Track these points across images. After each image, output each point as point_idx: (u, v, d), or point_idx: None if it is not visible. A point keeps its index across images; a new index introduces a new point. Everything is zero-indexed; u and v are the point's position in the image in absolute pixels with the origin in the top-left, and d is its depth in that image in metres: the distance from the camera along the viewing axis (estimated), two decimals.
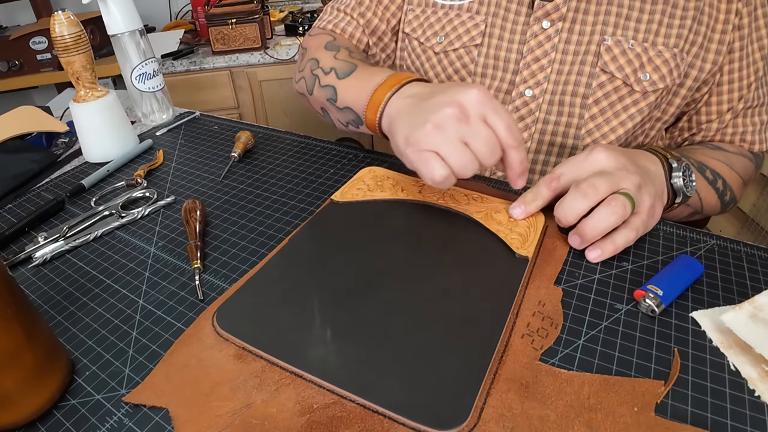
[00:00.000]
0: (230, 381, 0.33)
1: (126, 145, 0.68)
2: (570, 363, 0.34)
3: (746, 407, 0.31)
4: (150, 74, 0.76)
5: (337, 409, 0.31)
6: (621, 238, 0.42)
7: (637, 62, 0.57)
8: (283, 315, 0.38)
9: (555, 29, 0.59)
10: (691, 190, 0.48)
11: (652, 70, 0.57)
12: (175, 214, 0.53)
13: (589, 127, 0.61)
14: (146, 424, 0.31)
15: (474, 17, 0.63)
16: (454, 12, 0.64)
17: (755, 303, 0.35)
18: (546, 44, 0.60)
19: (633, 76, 0.58)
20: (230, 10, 1.55)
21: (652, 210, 0.44)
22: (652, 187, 0.44)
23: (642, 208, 0.43)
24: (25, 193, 0.60)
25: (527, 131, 0.63)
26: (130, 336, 0.38)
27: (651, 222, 0.44)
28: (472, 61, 0.64)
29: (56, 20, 0.58)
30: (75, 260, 0.47)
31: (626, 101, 0.59)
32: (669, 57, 0.57)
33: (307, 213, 0.51)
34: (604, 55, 0.58)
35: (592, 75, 0.59)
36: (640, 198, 0.43)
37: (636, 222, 0.43)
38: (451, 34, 0.65)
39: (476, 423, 0.30)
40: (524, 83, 0.62)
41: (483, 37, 0.63)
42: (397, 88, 0.49)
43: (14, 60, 1.66)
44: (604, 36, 0.58)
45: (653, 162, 0.48)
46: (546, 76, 0.61)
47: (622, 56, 0.58)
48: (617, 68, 0.58)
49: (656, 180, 0.46)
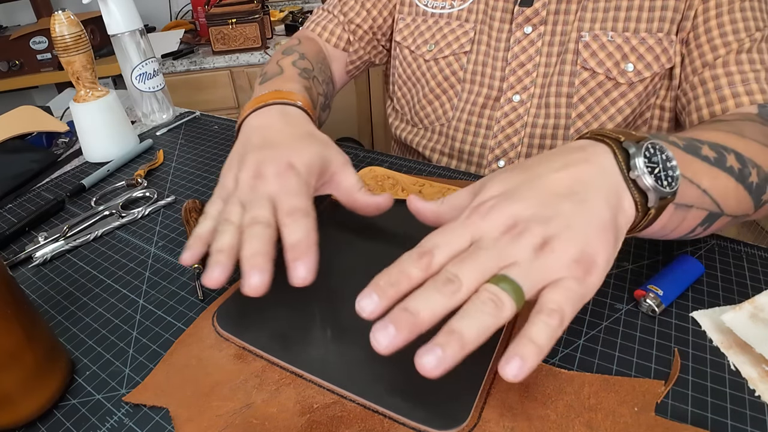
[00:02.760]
0: (230, 381, 0.33)
1: (126, 145, 0.68)
2: (570, 363, 0.34)
3: (746, 407, 0.31)
4: (150, 74, 0.76)
5: (337, 409, 0.31)
6: (539, 330, 0.27)
7: (619, 54, 0.57)
8: (283, 315, 0.38)
9: (537, 33, 0.60)
10: (671, 181, 0.31)
11: (636, 59, 0.56)
12: (175, 214, 0.53)
13: (578, 125, 0.61)
14: (146, 424, 0.31)
15: (463, 24, 0.64)
16: (443, 20, 0.65)
17: (755, 303, 0.35)
18: (530, 49, 0.60)
19: (615, 69, 0.57)
20: (230, 10, 1.55)
21: (585, 264, 0.28)
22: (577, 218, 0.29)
23: (554, 274, 0.28)
24: (26, 193, 0.60)
25: (517, 136, 0.64)
26: (130, 336, 0.38)
27: (591, 280, 0.28)
28: (462, 68, 0.65)
29: (56, 20, 0.58)
30: (75, 260, 0.47)
31: (613, 95, 0.58)
32: (653, 43, 0.55)
33: None
34: (583, 52, 0.58)
35: (573, 73, 0.59)
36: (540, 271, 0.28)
37: (555, 300, 0.27)
38: (441, 42, 0.65)
39: (476, 423, 0.30)
40: (511, 89, 0.62)
41: (472, 44, 0.63)
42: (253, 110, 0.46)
43: (14, 60, 1.66)
44: (581, 33, 0.58)
45: (593, 157, 0.32)
46: (532, 81, 0.61)
47: (601, 50, 0.57)
48: (597, 63, 0.57)
49: (597, 197, 0.30)
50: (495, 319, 0.27)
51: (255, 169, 0.39)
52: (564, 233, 0.29)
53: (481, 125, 0.66)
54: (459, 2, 0.64)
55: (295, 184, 0.38)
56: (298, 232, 0.35)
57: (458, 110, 0.67)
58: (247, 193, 0.38)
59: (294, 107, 0.47)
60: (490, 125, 0.65)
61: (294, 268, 0.33)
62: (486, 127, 0.65)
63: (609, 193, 0.30)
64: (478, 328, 0.26)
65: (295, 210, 0.36)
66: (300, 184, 0.38)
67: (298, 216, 0.36)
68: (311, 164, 0.40)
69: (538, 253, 0.28)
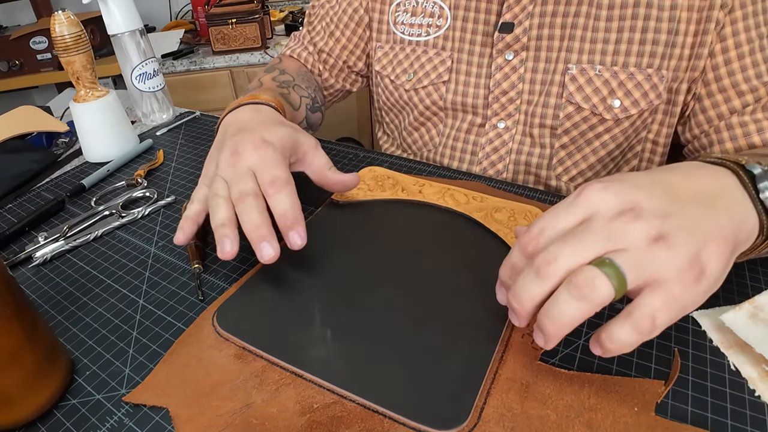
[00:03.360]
0: (230, 381, 0.33)
1: (126, 145, 0.68)
2: (570, 363, 0.34)
3: (746, 407, 0.31)
4: (150, 74, 0.76)
5: (337, 409, 0.31)
6: (622, 332, 0.27)
7: (606, 89, 0.55)
8: (283, 315, 0.38)
9: (519, 59, 0.58)
10: None
11: (623, 95, 0.54)
12: (175, 214, 0.53)
13: (561, 155, 0.60)
14: (146, 424, 0.31)
15: (440, 53, 0.62)
16: (421, 48, 0.64)
17: (755, 303, 0.35)
18: (512, 75, 0.59)
19: (602, 104, 0.55)
20: (230, 10, 1.55)
21: (695, 270, 0.27)
22: (699, 224, 0.28)
23: (662, 274, 0.26)
24: (26, 193, 0.60)
25: (502, 162, 0.63)
26: (130, 336, 0.38)
27: (697, 289, 0.27)
28: (441, 97, 0.64)
29: (56, 20, 0.58)
30: (75, 260, 0.47)
31: (598, 129, 0.57)
32: (642, 79, 0.53)
33: (308, 212, 0.51)
34: (569, 86, 0.56)
35: (558, 106, 0.57)
36: (650, 263, 0.26)
37: (652, 305, 0.26)
38: (419, 72, 0.64)
39: (476, 423, 0.30)
40: (496, 116, 0.61)
41: (450, 73, 0.62)
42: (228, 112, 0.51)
43: (14, 60, 1.66)
44: (567, 65, 0.56)
45: (715, 176, 0.31)
46: (516, 108, 0.60)
47: (588, 85, 0.55)
48: (583, 98, 0.56)
49: (721, 207, 0.29)
50: (587, 305, 0.26)
51: (233, 149, 0.42)
52: (683, 233, 0.27)
53: (467, 151, 0.65)
54: (435, 29, 0.62)
55: (272, 154, 0.41)
56: (284, 202, 0.38)
57: (444, 136, 0.66)
58: (229, 169, 0.41)
59: (265, 105, 0.50)
60: (475, 151, 0.64)
61: (289, 236, 0.38)
62: (471, 153, 0.65)
63: (733, 207, 0.30)
64: (566, 316, 0.27)
65: (276, 179, 0.39)
66: (276, 154, 0.41)
67: (279, 185, 0.39)
68: (283, 140, 0.43)
69: (651, 245, 0.27)
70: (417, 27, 0.63)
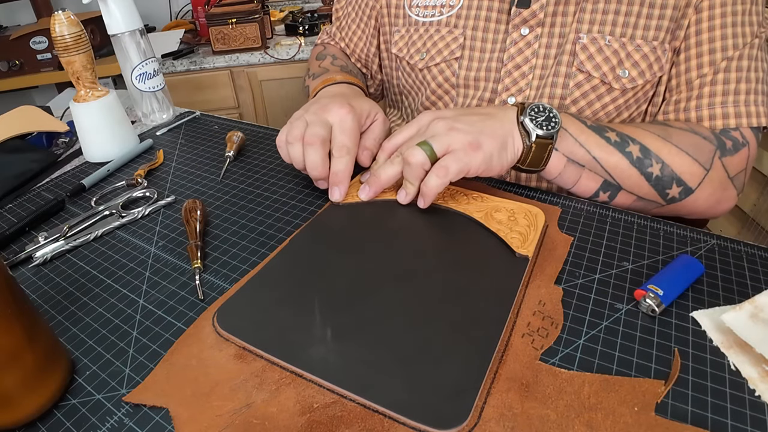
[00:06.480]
0: (230, 381, 0.33)
1: (126, 144, 0.68)
2: (570, 363, 0.34)
3: (746, 407, 0.31)
4: (150, 74, 0.76)
5: (337, 409, 0.31)
6: (431, 178, 0.46)
7: (615, 59, 0.57)
8: (283, 315, 0.38)
9: (534, 35, 0.59)
10: (545, 129, 0.47)
11: (631, 65, 0.57)
12: (175, 213, 0.53)
13: None
14: (146, 424, 0.31)
15: (453, 31, 0.64)
16: (434, 28, 0.65)
17: (755, 303, 0.35)
18: (526, 51, 0.60)
19: (611, 73, 0.57)
20: (230, 10, 1.55)
21: (474, 145, 0.45)
22: (477, 124, 0.47)
23: (454, 145, 0.46)
24: (26, 193, 0.60)
25: None
26: (130, 336, 0.38)
27: (476, 156, 0.45)
28: (454, 74, 0.65)
29: (56, 20, 0.58)
30: (75, 260, 0.47)
31: (605, 99, 0.59)
32: (648, 51, 0.56)
33: (308, 213, 0.51)
34: (580, 54, 0.58)
35: (569, 75, 0.59)
36: (447, 139, 0.46)
37: (446, 160, 0.45)
38: (432, 50, 0.66)
39: (476, 423, 0.30)
40: (506, 91, 0.62)
41: (462, 50, 0.63)
42: (321, 88, 0.64)
43: (14, 60, 1.66)
44: (579, 34, 0.58)
45: (503, 108, 0.50)
46: (528, 83, 0.61)
47: (598, 54, 0.57)
48: (594, 67, 0.57)
49: (495, 119, 0.48)
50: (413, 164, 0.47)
51: (323, 105, 0.53)
52: (467, 126, 0.47)
53: None
54: (447, 9, 0.64)
55: (350, 122, 0.51)
56: (341, 164, 0.50)
57: None
58: (313, 116, 0.52)
59: (354, 85, 0.65)
60: None
61: (333, 189, 0.51)
62: None
63: (505, 123, 0.49)
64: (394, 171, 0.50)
65: (342, 146, 0.50)
66: (353, 124, 0.52)
67: (343, 152, 0.50)
68: (362, 109, 0.54)
69: (448, 132, 0.47)
70: (431, 8, 0.66)
